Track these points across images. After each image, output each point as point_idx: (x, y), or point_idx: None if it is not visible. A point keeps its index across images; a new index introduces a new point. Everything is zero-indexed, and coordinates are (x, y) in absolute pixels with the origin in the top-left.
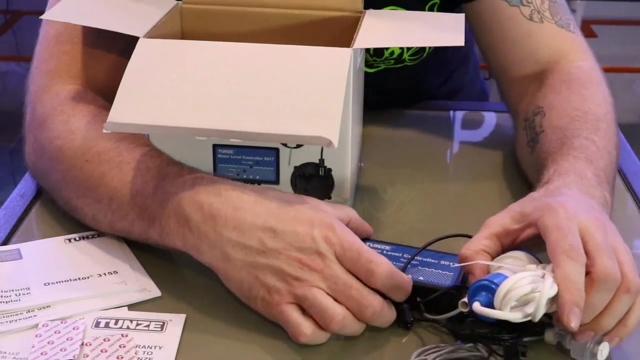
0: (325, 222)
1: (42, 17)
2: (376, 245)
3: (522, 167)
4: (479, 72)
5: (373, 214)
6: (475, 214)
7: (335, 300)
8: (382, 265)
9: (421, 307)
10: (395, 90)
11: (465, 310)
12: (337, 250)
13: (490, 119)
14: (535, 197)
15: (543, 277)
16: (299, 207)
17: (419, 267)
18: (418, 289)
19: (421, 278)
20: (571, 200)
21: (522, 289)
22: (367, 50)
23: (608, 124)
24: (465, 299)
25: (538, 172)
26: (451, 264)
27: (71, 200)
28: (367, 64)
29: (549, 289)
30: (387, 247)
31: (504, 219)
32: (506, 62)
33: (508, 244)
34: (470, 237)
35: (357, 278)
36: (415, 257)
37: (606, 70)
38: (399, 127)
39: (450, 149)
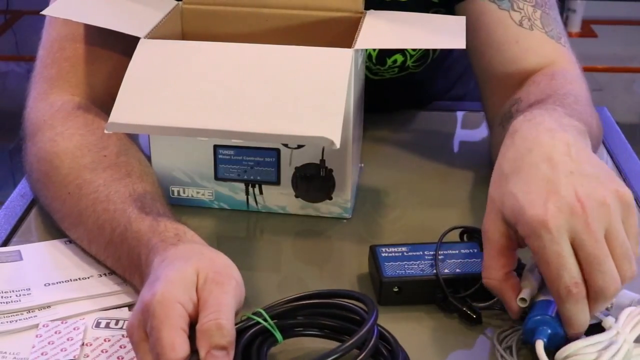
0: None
1: (42, 12)
2: (391, 250)
3: (492, 154)
4: None
5: (375, 215)
6: (476, 212)
7: None
8: None
9: (467, 299)
10: (400, 97)
11: (524, 305)
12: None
13: None
14: (505, 170)
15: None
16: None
17: (448, 261)
18: (459, 281)
19: (458, 270)
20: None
21: (586, 357)
22: (370, 58)
23: (586, 104)
24: (524, 296)
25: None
26: (473, 250)
27: (60, 227)
28: (371, 72)
29: None
30: (404, 249)
31: (500, 228)
32: (490, 66)
33: (515, 249)
34: (478, 229)
35: None
36: (438, 252)
37: (606, 70)
38: (398, 127)
39: (450, 149)
